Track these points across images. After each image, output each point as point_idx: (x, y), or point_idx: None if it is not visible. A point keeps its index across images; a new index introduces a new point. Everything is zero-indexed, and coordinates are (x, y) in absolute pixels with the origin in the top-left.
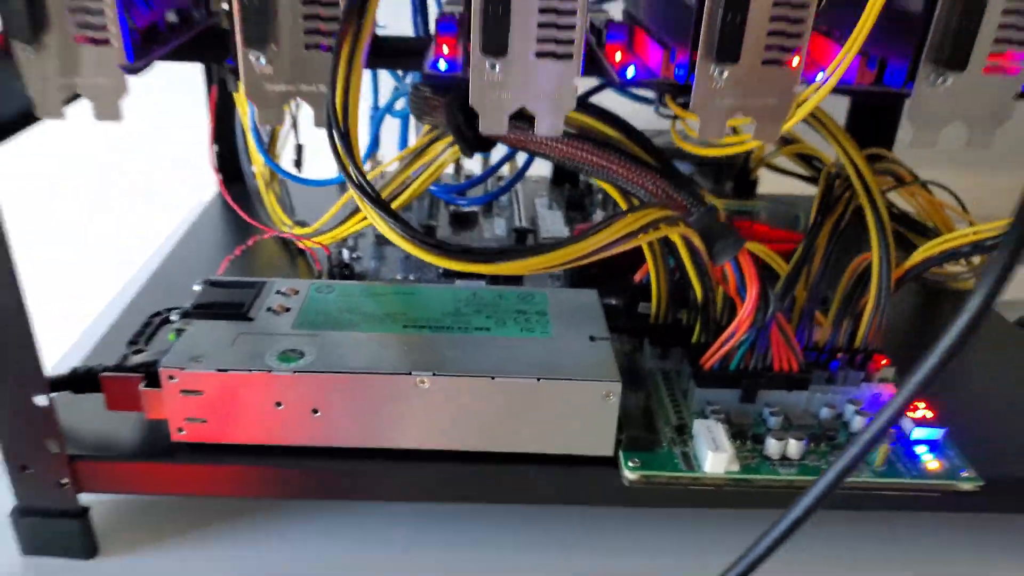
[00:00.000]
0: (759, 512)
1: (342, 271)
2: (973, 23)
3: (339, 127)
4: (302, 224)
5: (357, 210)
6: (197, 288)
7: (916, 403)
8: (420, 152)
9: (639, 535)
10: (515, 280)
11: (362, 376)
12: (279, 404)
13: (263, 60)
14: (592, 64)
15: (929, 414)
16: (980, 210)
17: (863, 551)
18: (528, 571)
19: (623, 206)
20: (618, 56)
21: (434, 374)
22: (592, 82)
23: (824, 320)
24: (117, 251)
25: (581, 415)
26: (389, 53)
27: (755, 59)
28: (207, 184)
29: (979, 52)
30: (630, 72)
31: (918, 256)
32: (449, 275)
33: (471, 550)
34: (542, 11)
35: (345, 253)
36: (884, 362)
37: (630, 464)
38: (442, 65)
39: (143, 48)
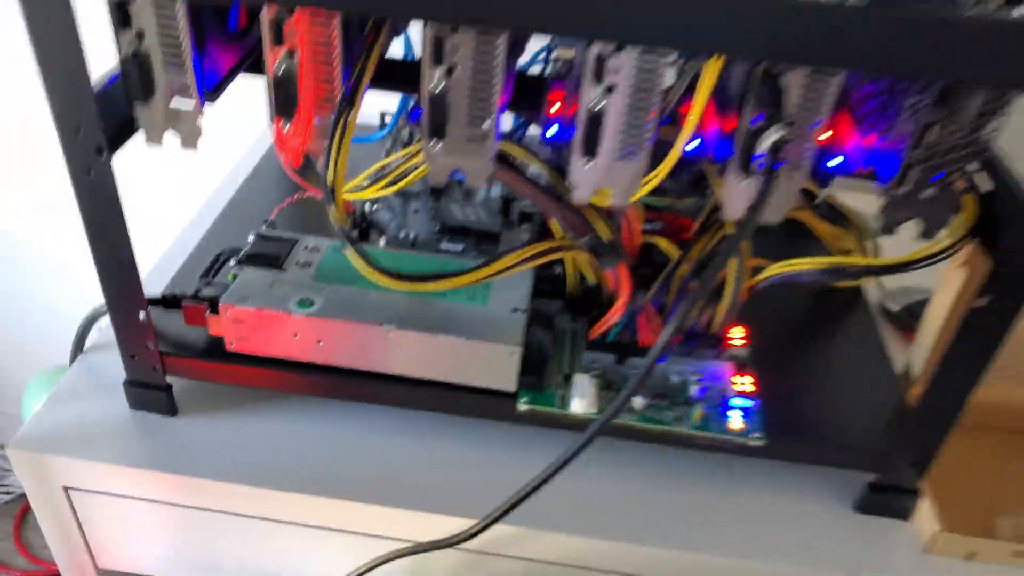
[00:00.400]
0: (606, 441)
1: (363, 224)
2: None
3: (328, 188)
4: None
5: (381, 176)
6: (251, 239)
7: (740, 377)
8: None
9: (526, 446)
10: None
11: (350, 323)
12: (295, 335)
13: (287, 128)
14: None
15: (751, 388)
16: None
17: (679, 476)
18: (454, 457)
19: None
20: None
21: (396, 327)
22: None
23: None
24: (197, 180)
25: (494, 364)
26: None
27: (613, 155)
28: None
29: None
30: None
31: (764, 275)
32: (443, 231)
33: (417, 438)
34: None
35: (367, 206)
36: (731, 343)
37: (523, 399)
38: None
39: (212, 94)
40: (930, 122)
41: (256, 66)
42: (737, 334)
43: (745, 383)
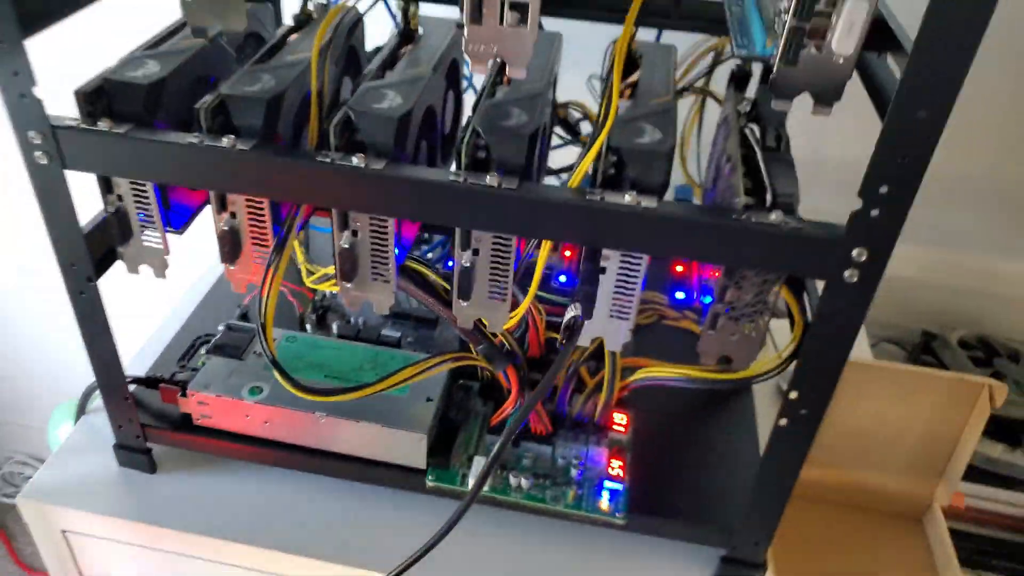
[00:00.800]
0: (499, 512)
1: (321, 309)
2: None
3: (259, 323)
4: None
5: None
6: (220, 328)
7: (615, 461)
8: None
9: (434, 513)
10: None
11: (289, 410)
12: (247, 416)
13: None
14: None
15: (621, 473)
16: None
17: (564, 544)
18: (370, 518)
19: None
20: None
21: (327, 415)
22: None
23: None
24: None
25: (406, 447)
26: None
27: (483, 296)
28: None
29: None
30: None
31: (635, 377)
32: (392, 315)
33: (345, 502)
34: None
35: (327, 293)
36: (614, 429)
37: (430, 476)
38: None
39: (183, 228)
40: (725, 286)
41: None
42: (620, 421)
43: (615, 468)
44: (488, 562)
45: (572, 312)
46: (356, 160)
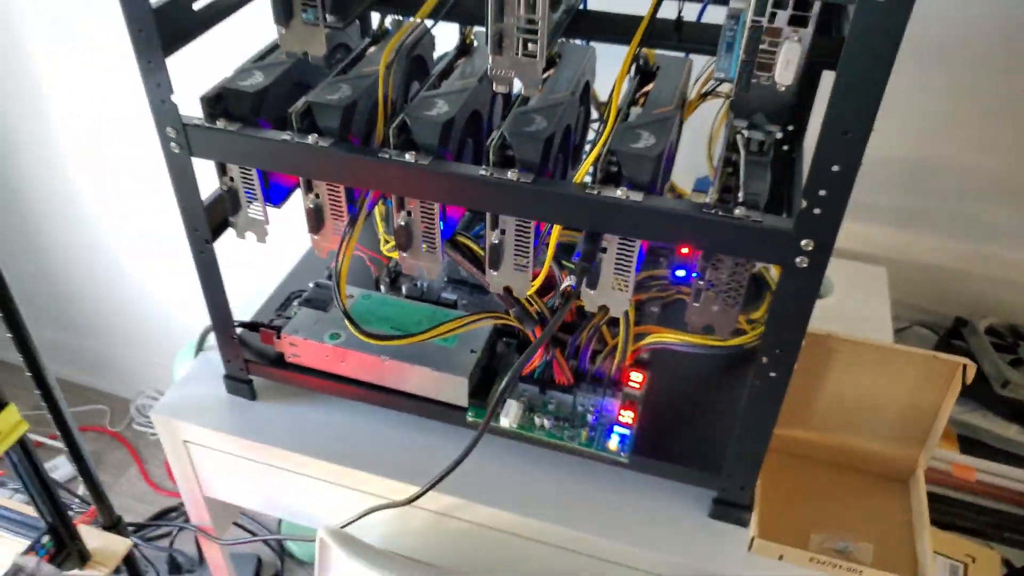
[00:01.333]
0: (521, 446)
1: (395, 273)
2: None
3: (335, 283)
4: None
5: None
6: (310, 285)
7: (626, 412)
8: None
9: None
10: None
11: (360, 353)
12: (327, 356)
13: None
14: None
15: (630, 419)
16: None
17: (560, 480)
18: (422, 445)
19: None
20: None
21: (388, 358)
22: None
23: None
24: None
25: (451, 388)
26: None
27: (510, 267)
28: None
29: None
30: None
31: (645, 341)
32: (452, 280)
33: (403, 430)
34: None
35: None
36: (629, 385)
37: (470, 412)
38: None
39: (281, 203)
40: (704, 267)
41: None
42: (636, 379)
43: (626, 417)
44: (514, 485)
45: (567, 282)
46: (408, 157)
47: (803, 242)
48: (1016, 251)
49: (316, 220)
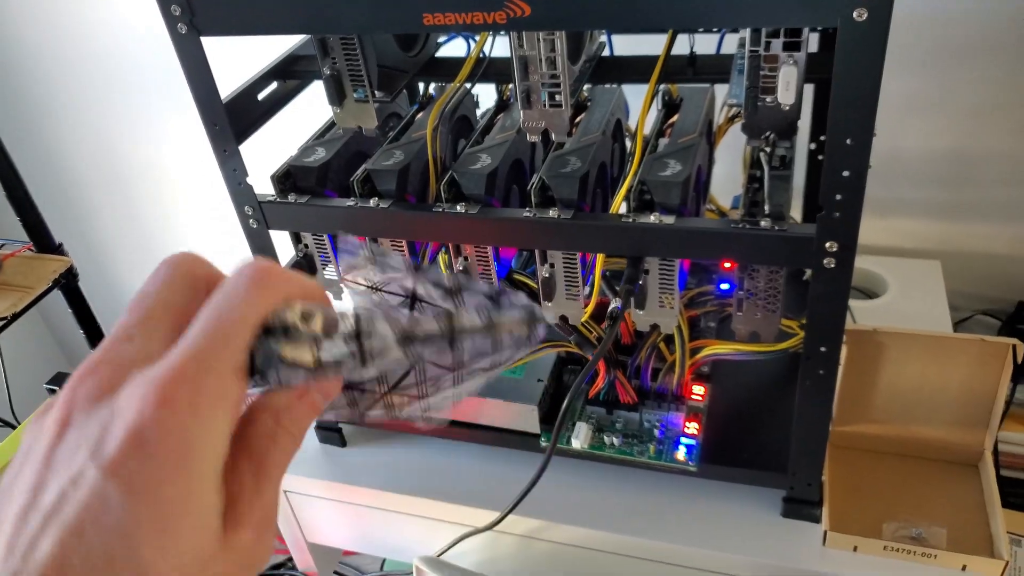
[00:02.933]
0: (594, 465)
1: None
2: None
3: None
4: None
5: None
6: None
7: (691, 424)
8: None
9: (548, 468)
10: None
11: None
12: None
13: None
14: None
15: (695, 430)
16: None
17: (636, 494)
18: (502, 473)
19: None
20: None
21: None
22: None
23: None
24: None
25: (523, 416)
26: None
27: (561, 297)
28: None
29: None
30: None
31: (701, 355)
32: None
33: (481, 460)
34: None
35: None
36: (692, 398)
37: (543, 438)
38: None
39: None
40: (741, 277)
41: None
42: (698, 392)
43: (691, 428)
44: (591, 502)
45: (614, 304)
46: (459, 208)
47: (827, 244)
48: None
49: None
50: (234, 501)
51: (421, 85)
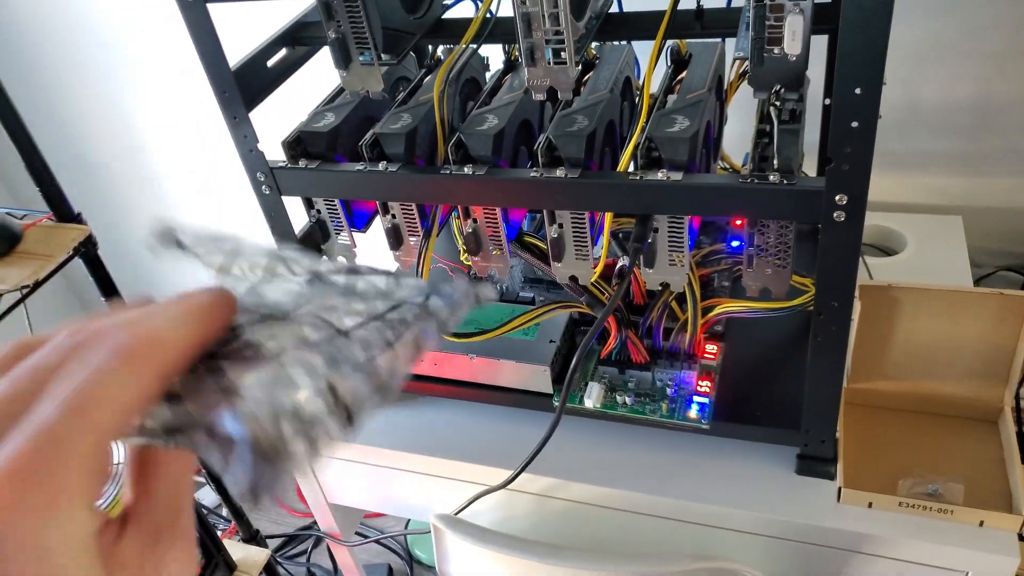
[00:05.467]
0: (607, 424)
1: (474, 277)
2: None
3: None
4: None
5: None
6: None
7: (703, 382)
8: None
9: (559, 426)
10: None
11: (447, 353)
12: (436, 364)
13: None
14: None
15: (708, 388)
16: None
17: (649, 452)
18: (517, 433)
19: None
20: None
21: (475, 356)
22: None
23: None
24: None
25: (535, 377)
26: None
27: (572, 257)
28: None
29: None
30: None
31: (713, 313)
32: (529, 280)
33: (494, 420)
34: None
35: None
36: (705, 357)
37: (555, 397)
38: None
39: (364, 228)
40: (751, 233)
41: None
42: (711, 350)
43: (704, 386)
44: (604, 461)
45: (622, 261)
46: (467, 170)
47: (837, 197)
48: None
49: (395, 238)
50: (144, 551)
51: (429, 48)
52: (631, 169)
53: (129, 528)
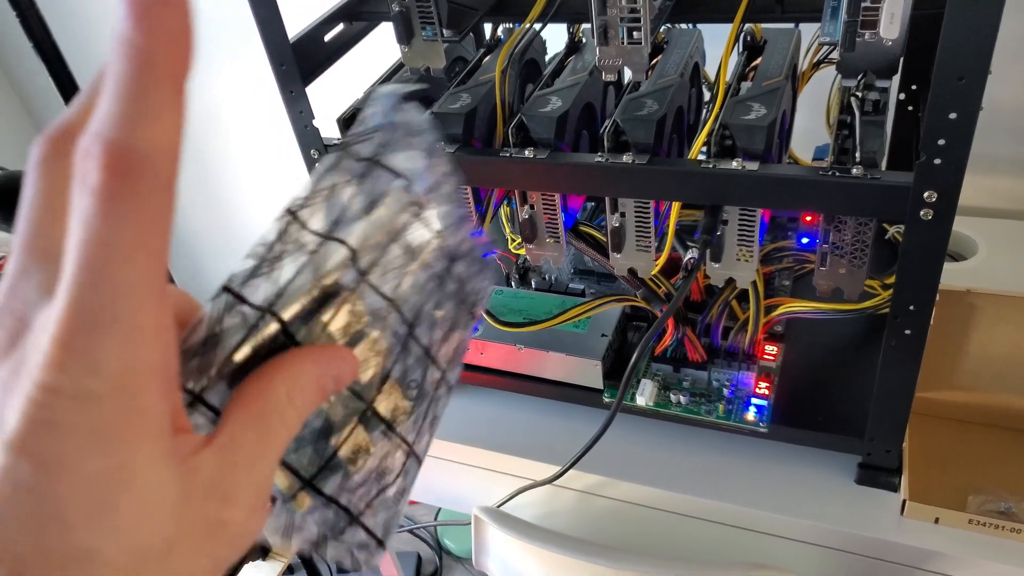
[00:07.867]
0: (659, 423)
1: (523, 267)
2: None
3: None
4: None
5: None
6: None
7: (762, 383)
8: None
9: (612, 424)
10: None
11: (496, 344)
12: (482, 353)
13: None
14: None
15: (767, 390)
16: None
17: (702, 454)
18: (563, 428)
19: None
20: None
21: (523, 347)
22: None
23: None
24: None
25: (586, 371)
26: None
27: (632, 248)
28: None
29: None
30: None
31: (776, 312)
32: (579, 271)
33: (545, 415)
34: None
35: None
36: (765, 357)
37: (606, 394)
38: None
39: None
40: (827, 230)
41: None
42: (771, 351)
43: (763, 388)
44: (654, 461)
45: (690, 255)
46: (528, 152)
47: (926, 194)
48: None
49: None
50: (224, 474)
51: (488, 28)
52: (702, 157)
53: (213, 444)
